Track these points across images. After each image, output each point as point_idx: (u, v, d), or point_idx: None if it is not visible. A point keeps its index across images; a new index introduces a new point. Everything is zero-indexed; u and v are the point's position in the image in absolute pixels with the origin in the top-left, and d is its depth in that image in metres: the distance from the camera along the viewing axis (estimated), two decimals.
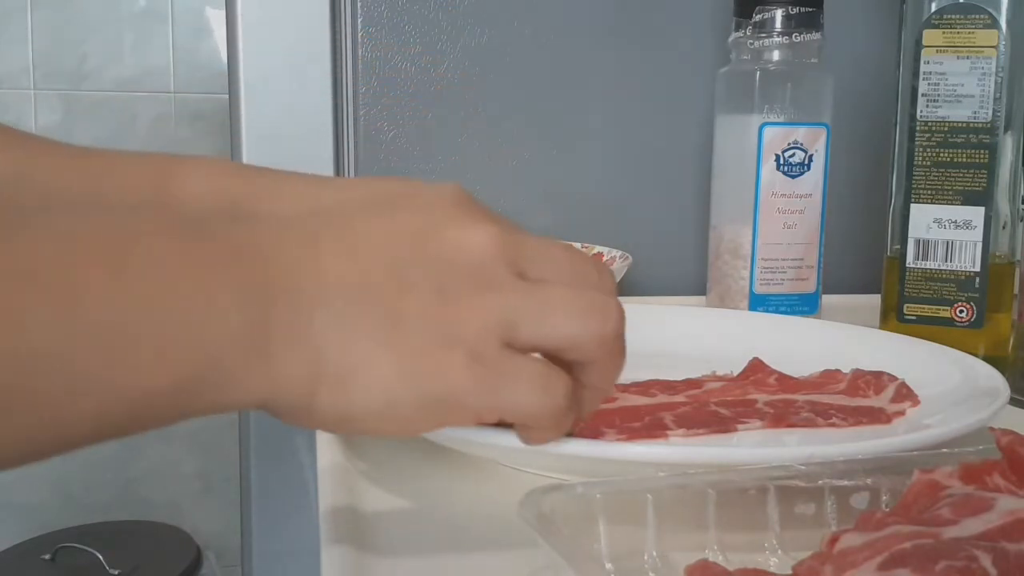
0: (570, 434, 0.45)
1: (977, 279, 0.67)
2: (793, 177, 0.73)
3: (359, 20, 0.86)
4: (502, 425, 0.44)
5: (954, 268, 0.68)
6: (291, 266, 0.33)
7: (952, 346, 0.58)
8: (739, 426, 0.49)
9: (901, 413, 0.51)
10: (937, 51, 0.66)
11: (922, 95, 0.67)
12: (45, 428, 0.28)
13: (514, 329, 0.34)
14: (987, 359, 0.55)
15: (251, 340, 0.31)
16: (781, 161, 0.72)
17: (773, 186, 0.73)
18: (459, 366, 0.33)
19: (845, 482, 0.36)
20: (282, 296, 0.32)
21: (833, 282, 0.81)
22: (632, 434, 0.47)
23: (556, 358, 0.36)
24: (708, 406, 0.51)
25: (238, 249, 0.32)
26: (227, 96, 0.88)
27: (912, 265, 0.69)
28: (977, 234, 0.67)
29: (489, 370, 0.34)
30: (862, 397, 0.53)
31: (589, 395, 0.38)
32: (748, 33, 0.73)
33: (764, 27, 0.72)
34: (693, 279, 0.88)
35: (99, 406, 0.29)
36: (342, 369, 0.32)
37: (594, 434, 0.46)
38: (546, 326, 0.35)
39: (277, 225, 0.34)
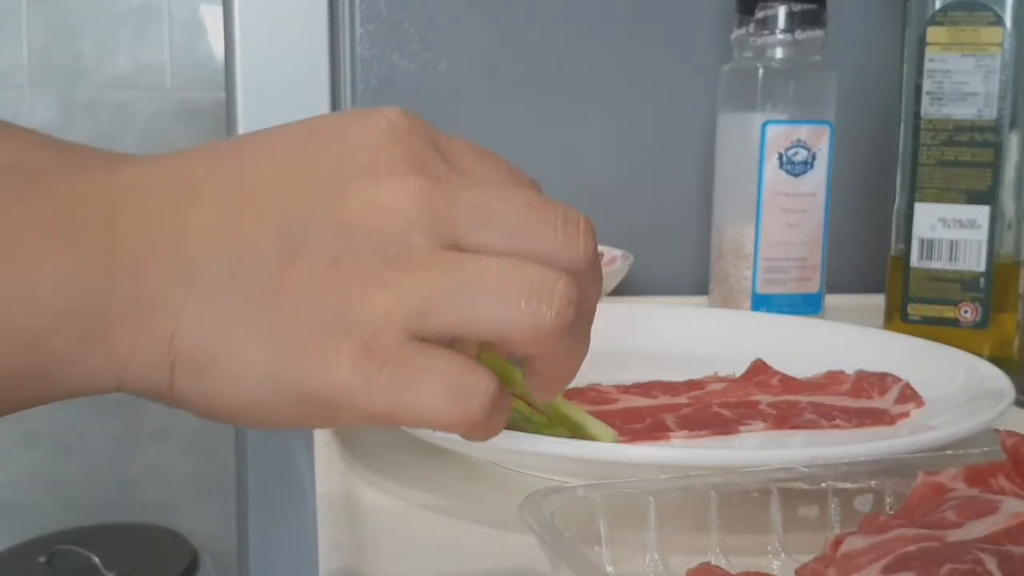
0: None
1: (982, 279, 0.67)
2: (796, 176, 0.72)
3: (358, 18, 0.86)
4: None
5: (959, 268, 0.67)
6: (149, 222, 0.27)
7: (957, 347, 0.57)
8: (742, 428, 0.49)
9: (905, 415, 0.50)
10: (942, 48, 0.66)
11: (926, 93, 0.67)
12: None
13: (423, 317, 0.27)
14: (992, 360, 0.55)
15: (88, 319, 0.26)
16: (784, 160, 0.72)
17: (776, 185, 0.72)
18: (345, 359, 0.27)
19: (849, 484, 0.36)
20: (130, 262, 0.27)
21: (837, 282, 0.81)
22: (634, 436, 0.47)
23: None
24: (710, 407, 0.51)
25: (78, 202, 0.27)
26: (224, 94, 0.88)
27: (916, 265, 0.68)
28: (982, 233, 0.66)
29: (383, 367, 0.27)
30: (866, 398, 0.52)
31: (540, 386, 0.32)
32: (751, 30, 0.73)
33: (767, 24, 0.72)
34: (695, 279, 0.88)
35: None
36: (200, 355, 0.27)
37: None
38: (463, 314, 0.27)
39: (147, 169, 0.28)
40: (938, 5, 0.66)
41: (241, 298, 0.27)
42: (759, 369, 0.56)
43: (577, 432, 0.42)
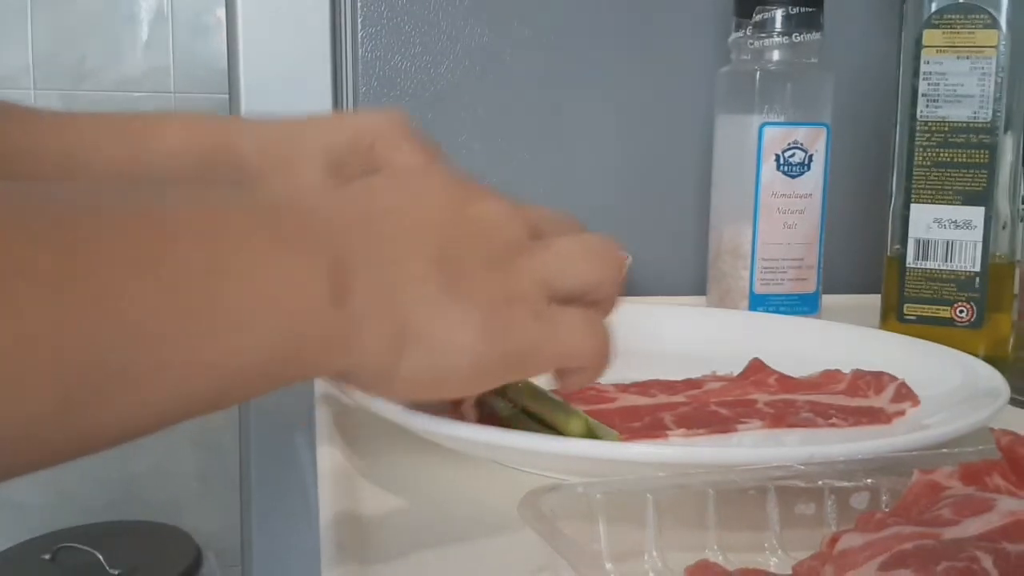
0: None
1: (977, 279, 0.67)
2: (793, 177, 0.73)
3: (359, 20, 0.86)
4: (498, 424, 0.44)
5: (954, 268, 0.67)
6: (361, 241, 0.34)
7: (952, 346, 0.58)
8: (739, 426, 0.49)
9: (901, 413, 0.51)
10: (937, 51, 0.66)
11: (922, 95, 0.67)
12: (136, 406, 0.29)
13: (550, 285, 0.38)
14: (987, 359, 0.55)
15: (337, 311, 0.32)
16: (781, 161, 0.72)
17: (773, 186, 0.73)
18: (526, 321, 0.37)
19: (845, 482, 0.36)
20: (362, 266, 0.33)
21: (833, 282, 0.81)
22: (632, 434, 0.47)
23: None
24: (708, 406, 0.51)
25: (307, 225, 0.34)
26: (227, 96, 0.88)
27: (912, 265, 0.69)
28: (977, 234, 0.67)
29: (548, 322, 0.37)
30: (862, 397, 0.53)
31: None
32: (748, 33, 0.73)
33: (764, 27, 0.72)
34: (693, 279, 0.88)
35: (189, 383, 0.29)
36: (428, 332, 0.35)
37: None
38: (572, 276, 0.39)
39: (332, 203, 0.36)
40: (934, 8, 0.66)
41: (446, 290, 0.35)
42: (756, 368, 0.56)
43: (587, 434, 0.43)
